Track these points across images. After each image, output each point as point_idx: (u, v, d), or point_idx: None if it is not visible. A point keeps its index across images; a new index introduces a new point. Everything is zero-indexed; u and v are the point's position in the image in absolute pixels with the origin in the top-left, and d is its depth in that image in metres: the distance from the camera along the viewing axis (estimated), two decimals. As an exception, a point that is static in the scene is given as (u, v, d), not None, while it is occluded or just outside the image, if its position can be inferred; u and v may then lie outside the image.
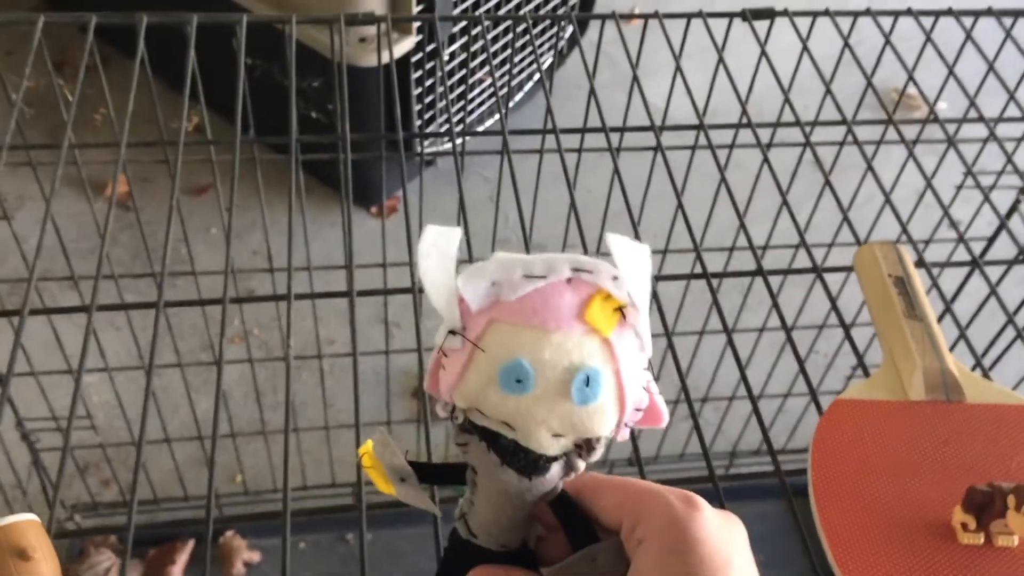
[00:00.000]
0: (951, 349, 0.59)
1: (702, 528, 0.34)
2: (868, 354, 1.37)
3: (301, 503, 1.34)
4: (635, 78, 0.78)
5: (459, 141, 0.77)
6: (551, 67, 1.64)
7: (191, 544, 1.29)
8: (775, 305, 0.64)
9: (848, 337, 0.63)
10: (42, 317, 1.04)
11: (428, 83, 1.60)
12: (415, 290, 0.64)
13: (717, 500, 0.56)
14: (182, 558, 1.27)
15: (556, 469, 0.36)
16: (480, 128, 1.84)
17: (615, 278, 0.34)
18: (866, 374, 0.61)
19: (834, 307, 0.65)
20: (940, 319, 0.60)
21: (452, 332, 0.35)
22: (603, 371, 0.34)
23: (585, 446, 0.36)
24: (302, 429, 1.35)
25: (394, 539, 1.29)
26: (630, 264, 0.34)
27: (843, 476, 0.52)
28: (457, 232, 0.35)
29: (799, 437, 1.43)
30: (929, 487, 0.51)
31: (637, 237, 0.70)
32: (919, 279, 0.62)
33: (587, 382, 0.34)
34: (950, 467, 0.52)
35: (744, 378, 0.60)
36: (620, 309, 0.34)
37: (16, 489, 1.21)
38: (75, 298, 1.14)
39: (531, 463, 0.36)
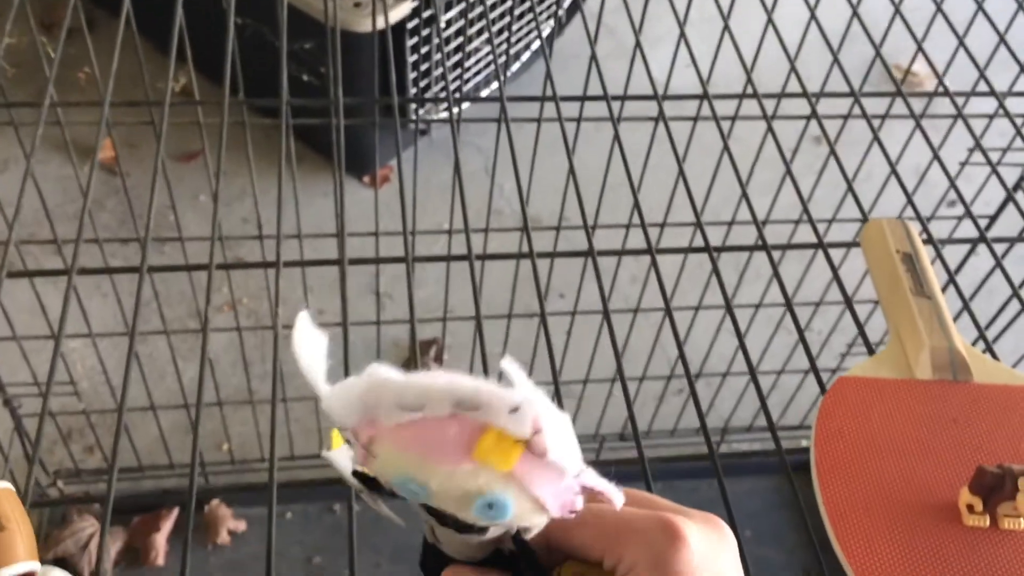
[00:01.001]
0: (954, 321, 0.57)
1: (687, 563, 0.32)
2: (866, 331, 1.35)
3: (288, 473, 1.33)
4: (638, 43, 0.76)
5: (457, 108, 0.75)
6: (551, 35, 1.61)
7: (175, 512, 1.27)
8: (778, 278, 0.63)
9: (851, 310, 0.62)
10: (24, 281, 1.02)
11: (423, 51, 1.57)
12: (408, 260, 0.62)
13: (716, 478, 0.55)
14: (166, 526, 1.26)
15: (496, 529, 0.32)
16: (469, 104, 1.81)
17: (515, 409, 0.28)
18: (869, 349, 0.60)
19: (837, 280, 0.64)
20: (943, 289, 0.59)
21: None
22: (508, 494, 0.29)
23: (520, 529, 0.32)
24: (290, 399, 1.33)
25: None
26: (532, 391, 0.28)
27: (847, 454, 0.51)
28: (323, 339, 0.31)
29: (791, 414, 1.42)
30: (934, 467, 0.50)
31: (637, 208, 0.68)
32: (927, 256, 0.60)
33: (491, 506, 0.29)
34: (956, 448, 0.51)
35: (745, 352, 0.58)
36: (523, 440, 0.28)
37: (-2, 455, 1.20)
38: (59, 263, 1.12)
39: (466, 526, 0.31)
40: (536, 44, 1.87)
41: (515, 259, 0.83)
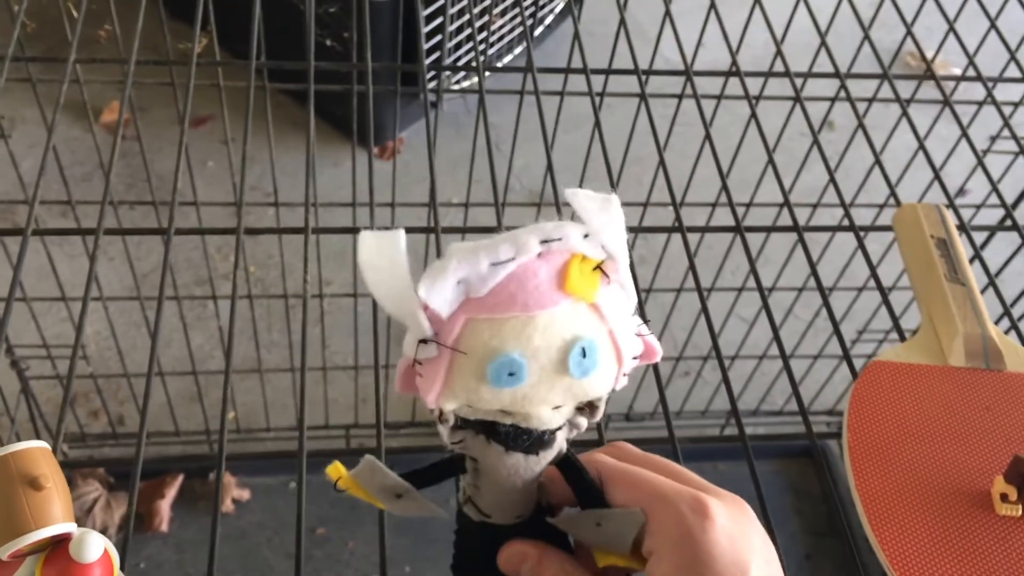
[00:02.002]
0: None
1: (716, 543, 0.32)
2: (875, 320, 1.34)
3: (294, 444, 1.33)
4: (667, 13, 0.75)
5: (476, 77, 0.74)
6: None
7: (180, 479, 1.27)
8: (806, 251, 0.62)
9: (879, 286, 0.61)
10: (35, 243, 1.01)
11: (436, 23, 1.55)
12: (436, 231, 0.62)
13: (747, 460, 0.55)
14: (171, 493, 1.26)
15: (561, 436, 0.35)
16: (489, 73, 1.80)
17: (586, 236, 0.31)
18: (900, 334, 0.59)
19: (866, 258, 0.63)
20: (971, 261, 0.58)
21: (423, 341, 0.31)
22: (597, 338, 0.32)
23: (588, 408, 0.34)
24: (300, 369, 1.33)
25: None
26: (597, 216, 0.31)
27: (880, 439, 0.50)
28: (400, 234, 0.31)
29: (795, 401, 1.41)
30: (967, 455, 0.50)
31: (668, 183, 0.68)
32: (960, 242, 0.60)
33: (584, 353, 0.32)
34: (989, 436, 0.51)
35: (776, 334, 0.58)
36: (599, 267, 0.32)
37: (3, 416, 1.19)
38: (65, 225, 1.11)
39: (535, 441, 0.34)
40: (549, 19, 1.85)
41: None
